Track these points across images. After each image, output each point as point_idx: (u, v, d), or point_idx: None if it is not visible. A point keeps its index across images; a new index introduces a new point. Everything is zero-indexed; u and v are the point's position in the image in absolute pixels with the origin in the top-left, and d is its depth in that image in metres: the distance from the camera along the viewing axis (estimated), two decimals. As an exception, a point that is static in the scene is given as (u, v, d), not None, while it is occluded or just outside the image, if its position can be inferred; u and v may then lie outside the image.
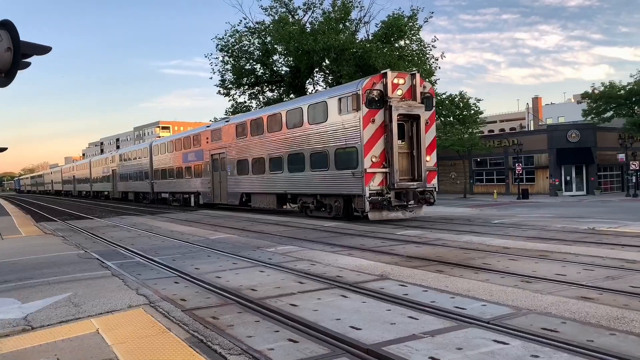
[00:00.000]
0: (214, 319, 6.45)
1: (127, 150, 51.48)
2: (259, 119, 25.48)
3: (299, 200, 22.47)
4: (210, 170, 30.40)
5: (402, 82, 18.60)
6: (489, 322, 5.85)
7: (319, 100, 20.94)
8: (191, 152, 33.34)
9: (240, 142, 27.01)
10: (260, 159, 24.94)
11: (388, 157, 18.09)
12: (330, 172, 19.78)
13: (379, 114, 18.22)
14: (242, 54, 41.94)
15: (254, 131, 25.65)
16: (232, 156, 27.70)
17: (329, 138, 19.83)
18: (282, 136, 23.08)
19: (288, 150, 22.55)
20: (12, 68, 4.93)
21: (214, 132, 30.39)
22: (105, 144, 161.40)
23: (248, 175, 26.04)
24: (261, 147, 24.84)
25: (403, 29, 37.47)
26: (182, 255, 12.17)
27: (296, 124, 22.03)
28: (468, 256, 10.63)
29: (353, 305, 6.89)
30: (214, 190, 30.03)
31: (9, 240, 17.65)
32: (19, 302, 7.82)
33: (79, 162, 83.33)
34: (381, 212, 18.02)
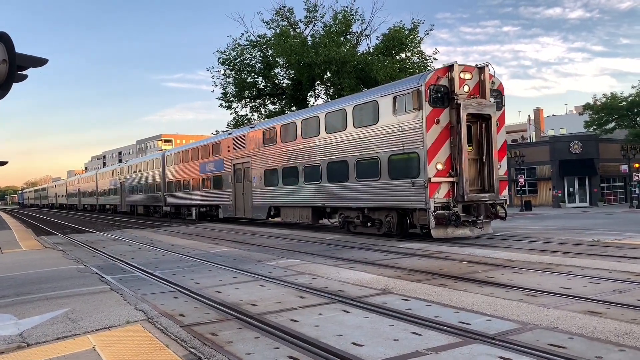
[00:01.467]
0: (213, 335, 6.31)
1: (137, 161, 48.59)
2: (291, 124, 22.72)
3: (340, 215, 19.95)
4: (232, 181, 27.83)
5: (468, 76, 16.12)
6: (495, 338, 5.71)
7: (367, 99, 18.24)
8: (209, 161, 30.69)
9: (268, 149, 24.37)
10: (292, 168, 22.33)
11: (455, 165, 15.65)
12: (381, 182, 17.17)
13: (444, 114, 15.75)
14: (244, 67, 42.05)
15: (285, 137, 22.98)
16: (259, 165, 25.12)
17: (381, 143, 17.24)
18: (319, 142, 20.50)
19: (328, 157, 19.97)
20: (8, 80, 4.86)
21: (236, 140, 27.70)
22: (108, 157, 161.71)
23: (277, 186, 23.46)
24: (294, 155, 22.19)
25: (404, 42, 37.56)
26: (182, 270, 12.03)
27: (337, 127, 19.52)
28: (472, 269, 10.48)
29: (355, 320, 6.74)
30: (236, 203, 27.47)
31: (8, 255, 17.53)
32: (15, 318, 7.69)
33: (85, 174, 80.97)
34: (446, 229, 15.51)
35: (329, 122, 20.08)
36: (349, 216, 19.32)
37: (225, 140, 29.05)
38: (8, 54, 4.83)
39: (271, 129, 24.30)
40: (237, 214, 27.61)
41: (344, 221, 19.65)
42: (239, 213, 27.40)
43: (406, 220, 17.00)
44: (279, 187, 23.33)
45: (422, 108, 15.55)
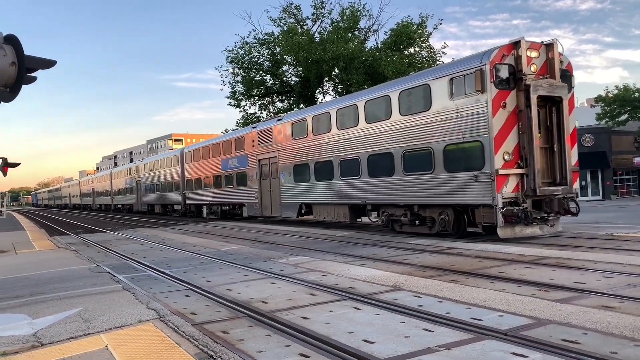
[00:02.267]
0: (224, 334, 6.33)
1: (154, 159, 46.89)
2: (324, 114, 20.78)
3: (382, 213, 18.06)
4: (258, 177, 26.16)
5: (535, 54, 14.34)
6: (507, 334, 5.67)
7: (416, 83, 16.29)
8: (232, 157, 29.06)
9: (298, 143, 22.53)
10: (326, 163, 20.52)
11: (523, 154, 13.96)
12: (435, 176, 15.39)
13: (511, 97, 14.00)
14: (252, 66, 42.11)
15: (318, 129, 21.11)
16: (287, 160, 23.35)
17: (434, 131, 15.38)
18: (358, 133, 18.65)
19: (368, 150, 18.11)
20: (17, 83, 4.89)
21: (262, 134, 25.89)
22: (119, 157, 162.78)
23: (309, 182, 21.66)
24: (328, 147, 20.36)
25: (412, 37, 37.40)
26: (193, 268, 12.09)
27: (380, 116, 17.64)
28: (483, 265, 10.42)
29: (366, 317, 6.73)
30: (263, 200, 25.82)
31: (22, 255, 17.71)
32: (29, 318, 7.77)
33: (99, 173, 78.70)
34: (514, 228, 13.94)
35: (369, 111, 18.18)
36: (394, 214, 17.48)
37: (250, 135, 27.23)
38: (17, 56, 4.86)
39: (301, 121, 22.51)
40: (263, 212, 25.95)
41: (387, 220, 17.77)
42: (265, 211, 25.76)
43: (464, 218, 15.37)
44: (311, 183, 21.63)
45: (487, 90, 13.79)
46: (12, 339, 6.64)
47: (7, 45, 4.87)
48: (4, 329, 7.22)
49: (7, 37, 4.94)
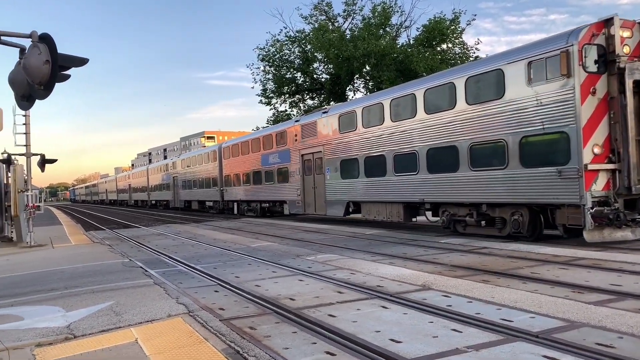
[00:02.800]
0: (252, 329, 6.36)
1: (191, 154, 45.93)
2: (376, 105, 19.29)
3: (443, 212, 16.54)
4: (301, 173, 24.76)
5: (627, 34, 12.70)
6: (538, 336, 5.53)
7: (487, 68, 14.75)
8: (273, 152, 27.83)
9: (345, 136, 21.12)
10: (378, 158, 19.04)
11: (615, 147, 12.37)
12: (508, 172, 13.89)
13: (601, 82, 12.41)
14: (283, 63, 42.33)
15: (368, 122, 19.67)
16: (333, 155, 21.90)
17: (508, 122, 13.88)
18: (416, 125, 17.09)
19: (428, 143, 16.55)
20: (51, 80, 5.01)
21: (305, 127, 24.49)
22: (153, 154, 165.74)
23: (358, 178, 20.25)
24: (380, 141, 18.87)
25: (445, 33, 36.95)
26: (223, 264, 12.21)
27: (442, 106, 16.14)
28: (515, 265, 10.20)
29: (394, 316, 6.67)
30: (306, 198, 24.46)
31: (59, 249, 18.21)
32: (63, 311, 7.97)
33: (136, 169, 78.99)
34: (602, 231, 12.28)
35: (429, 101, 16.62)
36: (457, 214, 16.04)
37: (292, 129, 25.84)
38: (51, 54, 4.97)
39: (349, 113, 21.02)
40: (306, 210, 24.66)
41: (448, 220, 16.27)
42: (308, 209, 24.42)
43: (540, 218, 13.94)
44: (360, 180, 20.17)
45: (574, 74, 12.25)
46: (47, 330, 6.82)
47: (41, 44, 4.99)
48: (39, 320, 7.43)
49: (41, 36, 5.06)
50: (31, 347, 6.08)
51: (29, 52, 5.06)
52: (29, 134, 20.05)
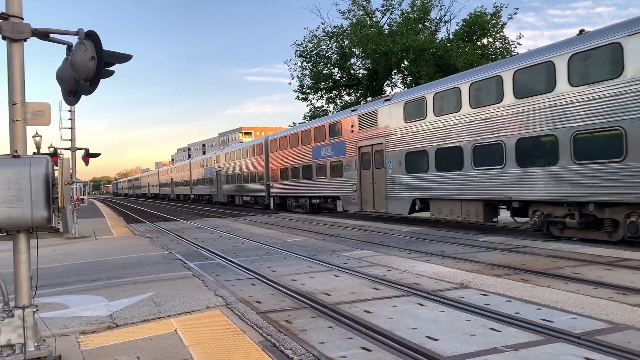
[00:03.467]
0: (288, 323, 6.42)
1: (235, 148, 44.43)
2: (451, 90, 17.12)
3: (534, 212, 14.32)
4: (357, 167, 22.79)
5: None
6: (580, 337, 5.38)
7: (597, 43, 12.52)
8: (326, 145, 25.94)
9: (412, 126, 18.97)
10: (452, 149, 16.89)
11: None
12: (627, 165, 11.72)
13: None
14: (320, 59, 42.35)
15: (441, 109, 17.56)
16: (397, 147, 19.78)
17: (627, 105, 11.69)
18: (503, 111, 14.91)
19: (519, 132, 14.37)
20: (96, 76, 5.15)
21: (364, 117, 22.42)
22: (193, 149, 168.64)
23: (427, 172, 18.13)
24: (456, 131, 16.72)
25: (486, 27, 36.26)
26: (259, 257, 12.34)
27: (536, 89, 13.99)
28: (557, 265, 9.95)
29: (430, 314, 6.60)
30: (363, 194, 22.46)
31: (102, 241, 18.78)
32: (106, 300, 8.22)
33: (178, 163, 78.40)
34: None
35: (520, 83, 14.58)
36: (552, 214, 13.91)
37: (348, 119, 23.90)
38: (96, 51, 5.10)
39: (417, 101, 18.77)
40: (363, 207, 22.61)
41: (542, 221, 14.10)
42: (366, 206, 22.37)
43: None
44: (430, 174, 18.02)
45: None
46: (91, 319, 7.06)
47: (87, 41, 5.13)
48: (83, 309, 7.69)
49: (87, 33, 5.20)
50: (76, 335, 6.30)
51: (76, 49, 5.20)
52: (74, 129, 20.72)
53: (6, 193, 4.77)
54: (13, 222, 4.82)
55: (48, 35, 5.24)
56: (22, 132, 5.04)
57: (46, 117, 5.36)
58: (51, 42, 5.32)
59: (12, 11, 4.98)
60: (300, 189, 29.43)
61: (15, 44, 4.98)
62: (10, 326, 4.84)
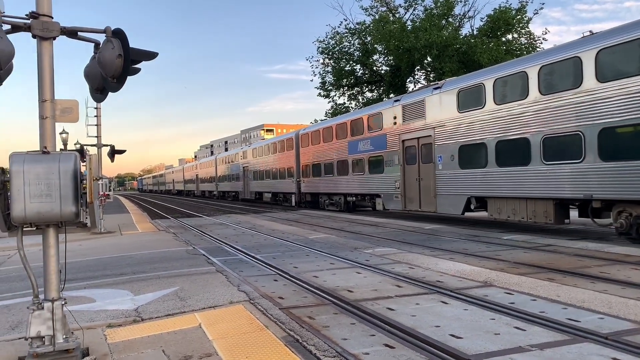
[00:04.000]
0: (310, 319, 6.44)
1: (264, 143, 42.36)
2: (517, 75, 15.14)
3: (620, 213, 12.60)
4: (401, 162, 20.98)
5: None
6: (607, 338, 5.29)
7: None
8: (364, 139, 24.17)
9: (467, 116, 17.11)
10: (518, 141, 15.00)
11: None
12: None
13: None
14: (342, 56, 42.27)
15: (503, 96, 15.70)
16: (449, 140, 18.02)
17: None
18: (583, 97, 13.03)
19: (601, 121, 12.56)
20: (123, 74, 5.23)
21: (409, 108, 20.53)
22: (215, 146, 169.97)
23: (485, 168, 16.25)
24: (521, 120, 14.88)
25: (510, 22, 35.77)
26: (281, 254, 12.40)
27: (625, 70, 12.08)
28: (583, 264, 9.78)
29: (454, 312, 6.56)
30: (407, 191, 20.62)
31: (127, 236, 19.07)
32: (131, 294, 8.36)
33: (203, 159, 77.02)
34: None
35: (605, 64, 12.66)
36: None
37: (390, 110, 22.00)
38: (123, 49, 5.18)
39: (474, 88, 16.95)
40: (407, 206, 20.72)
41: (630, 223, 12.35)
42: (411, 205, 20.53)
43: None
44: (489, 170, 16.14)
45: None
46: (117, 312, 7.18)
47: (114, 39, 5.21)
48: (109, 302, 7.83)
49: (115, 31, 5.28)
50: (102, 328, 6.41)
51: (103, 46, 5.29)
52: (100, 126, 21.07)
53: (36, 188, 4.87)
54: (42, 217, 4.92)
55: (76, 33, 5.34)
56: (51, 128, 5.15)
57: (74, 114, 5.47)
58: (79, 40, 5.42)
59: (42, 10, 5.08)
60: (334, 186, 27.88)
61: (45, 42, 5.08)
62: (40, 318, 4.96)
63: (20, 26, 5.05)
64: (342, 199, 27.51)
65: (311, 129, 31.65)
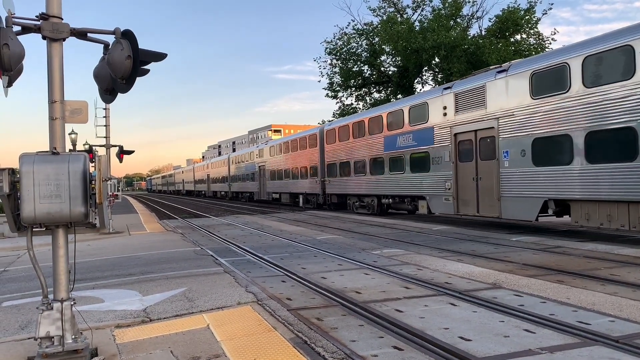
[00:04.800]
0: (319, 321, 6.42)
1: (283, 140, 39.50)
2: (615, 51, 12.51)
3: None
4: (453, 159, 18.06)
5: None
6: (618, 341, 5.24)
7: None
8: (404, 133, 21.23)
9: (544, 103, 14.34)
10: (617, 132, 12.38)
11: None
12: None
13: None
14: (350, 56, 42.27)
15: (595, 78, 12.98)
16: (519, 132, 15.23)
17: None
18: None
19: None
20: (132, 75, 5.24)
21: (463, 96, 17.63)
22: (223, 146, 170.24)
23: (570, 165, 13.56)
24: (623, 106, 12.14)
25: (519, 23, 35.62)
26: (289, 255, 12.39)
27: None
28: (593, 266, 9.70)
29: (463, 314, 6.52)
30: (461, 192, 17.71)
31: (135, 236, 19.14)
32: (140, 295, 8.38)
33: (216, 158, 73.74)
34: None
35: None
36: None
37: (438, 100, 19.10)
38: (132, 50, 5.19)
39: (554, 69, 14.16)
40: (461, 210, 17.77)
41: None
42: (466, 208, 17.51)
43: None
44: (574, 167, 13.47)
45: None
46: (125, 313, 7.20)
47: (124, 40, 5.23)
48: (118, 303, 7.86)
49: (124, 32, 5.30)
50: (111, 328, 6.43)
51: (113, 48, 5.30)
52: (109, 127, 21.16)
53: (46, 189, 4.89)
54: (52, 217, 4.94)
55: (86, 34, 5.36)
56: (61, 129, 5.17)
57: (84, 114, 5.49)
58: (89, 41, 5.44)
59: (52, 11, 5.10)
60: (366, 187, 24.95)
61: (55, 43, 5.10)
62: (49, 318, 4.97)
63: (30, 27, 5.08)
64: (375, 201, 24.57)
65: (338, 124, 28.87)
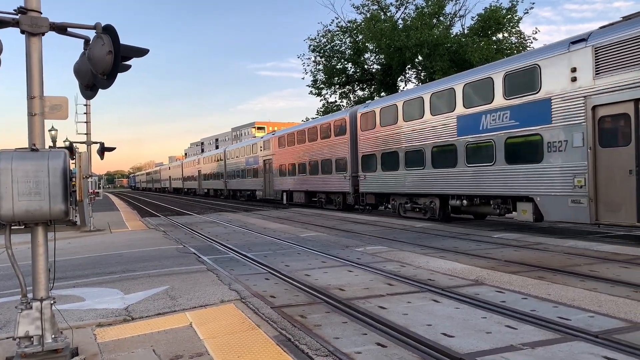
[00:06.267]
0: (302, 318, 6.42)
1: (298, 128, 32.87)
2: None
3: None
4: (590, 143, 12.34)
5: None
6: (598, 336, 5.32)
7: None
8: (496, 109, 15.28)
9: None
10: None
11: None
12: None
13: None
14: (334, 54, 42.25)
15: None
16: None
17: None
18: None
19: None
20: (113, 70, 5.17)
21: (606, 53, 11.99)
22: (206, 143, 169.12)
23: None
24: None
25: (501, 22, 35.95)
26: (273, 252, 12.37)
27: None
28: (573, 262, 9.84)
29: (445, 310, 6.57)
30: (604, 192, 12.07)
31: (116, 234, 18.93)
32: (121, 293, 8.29)
33: (209, 152, 66.69)
34: None
35: None
36: None
37: (560, 59, 13.28)
38: (113, 45, 5.12)
39: None
40: (604, 216, 12.15)
41: None
42: (613, 215, 11.91)
43: None
44: None
45: None
46: (106, 311, 7.12)
47: (105, 35, 5.15)
48: (99, 301, 7.76)
49: (105, 27, 5.22)
50: (92, 327, 6.35)
51: (93, 43, 5.22)
52: (90, 123, 20.89)
53: (25, 186, 4.81)
54: (31, 215, 4.85)
55: (66, 29, 5.27)
56: (40, 125, 5.07)
57: (64, 111, 5.40)
58: (69, 36, 5.34)
59: (31, 5, 5.00)
60: (422, 183, 19.15)
61: (34, 38, 5.01)
62: (28, 318, 4.89)
63: (8, 21, 4.98)
64: (436, 203, 18.77)
65: (380, 104, 22.46)
